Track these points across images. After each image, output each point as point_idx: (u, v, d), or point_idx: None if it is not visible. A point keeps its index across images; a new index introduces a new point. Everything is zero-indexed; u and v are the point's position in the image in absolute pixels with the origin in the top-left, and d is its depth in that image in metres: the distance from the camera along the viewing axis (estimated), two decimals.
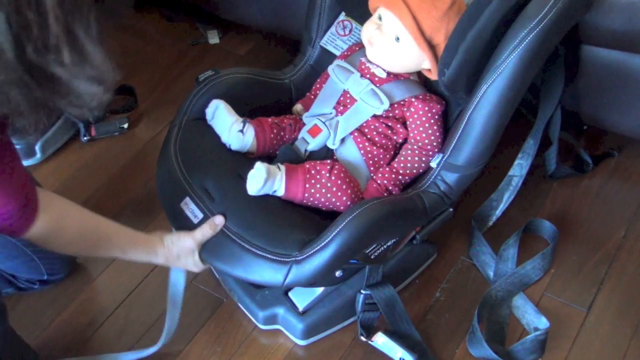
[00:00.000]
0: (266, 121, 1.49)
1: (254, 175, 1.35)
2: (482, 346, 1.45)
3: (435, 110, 1.43)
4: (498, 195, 1.68)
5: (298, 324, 1.48)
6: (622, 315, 1.54)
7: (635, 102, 1.66)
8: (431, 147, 1.43)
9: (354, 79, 1.47)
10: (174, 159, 1.43)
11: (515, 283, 1.57)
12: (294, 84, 1.62)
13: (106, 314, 1.56)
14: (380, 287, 1.45)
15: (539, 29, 1.27)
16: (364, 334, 1.47)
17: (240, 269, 1.33)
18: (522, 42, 1.27)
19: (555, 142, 1.70)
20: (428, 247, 1.62)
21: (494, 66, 1.30)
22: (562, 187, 1.78)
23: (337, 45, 1.61)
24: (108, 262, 1.64)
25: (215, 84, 1.51)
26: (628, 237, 1.68)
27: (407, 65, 1.45)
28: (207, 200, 1.38)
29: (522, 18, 1.29)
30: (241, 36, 2.22)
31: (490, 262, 1.61)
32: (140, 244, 1.35)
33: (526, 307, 1.54)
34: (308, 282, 1.34)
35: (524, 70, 1.30)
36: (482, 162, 1.39)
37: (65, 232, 1.24)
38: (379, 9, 1.42)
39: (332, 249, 1.28)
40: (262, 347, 1.51)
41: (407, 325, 1.47)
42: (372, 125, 1.45)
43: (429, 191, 1.40)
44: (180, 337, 1.51)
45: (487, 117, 1.33)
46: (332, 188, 1.38)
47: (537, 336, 1.47)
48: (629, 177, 1.80)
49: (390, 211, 1.32)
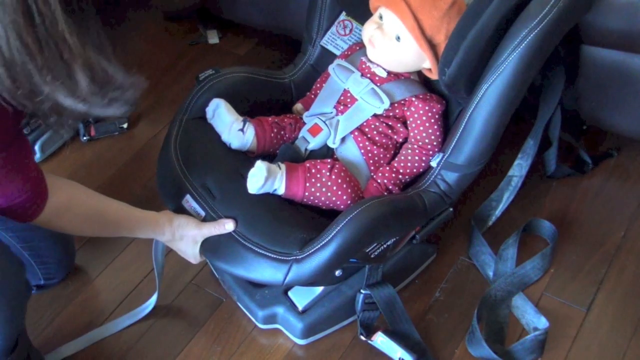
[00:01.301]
0: (266, 120, 1.49)
1: (254, 173, 1.35)
2: (481, 346, 1.45)
3: (435, 110, 1.43)
4: (498, 195, 1.68)
5: (298, 323, 1.48)
6: (622, 315, 1.54)
7: (635, 102, 1.66)
8: (431, 146, 1.43)
9: (355, 78, 1.47)
10: (174, 157, 1.43)
11: (515, 283, 1.57)
12: (295, 83, 1.63)
13: (105, 314, 1.55)
14: (379, 286, 1.45)
15: (540, 29, 1.27)
16: (363, 333, 1.47)
17: (241, 267, 1.33)
18: (523, 42, 1.27)
19: (555, 143, 1.70)
20: (428, 247, 1.62)
21: (494, 65, 1.30)
22: (562, 187, 1.78)
23: (338, 45, 1.61)
24: (107, 262, 1.64)
25: (216, 82, 1.52)
26: (627, 237, 1.68)
27: (407, 64, 1.45)
28: (208, 198, 1.38)
29: (523, 17, 1.28)
30: (241, 36, 2.22)
31: (489, 262, 1.61)
32: (148, 223, 1.36)
33: (526, 307, 1.54)
34: (308, 280, 1.34)
35: (524, 69, 1.30)
36: (482, 162, 1.39)
37: (72, 214, 1.25)
38: (380, 8, 1.42)
39: (333, 247, 1.28)
40: (262, 347, 1.50)
41: (407, 325, 1.47)
42: (373, 124, 1.45)
43: (429, 190, 1.40)
44: (179, 337, 1.51)
45: (487, 117, 1.33)
46: (333, 187, 1.38)
47: (537, 336, 1.47)
48: (629, 177, 1.80)
49: (390, 210, 1.33)
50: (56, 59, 0.90)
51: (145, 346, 1.50)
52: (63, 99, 0.95)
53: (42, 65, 0.90)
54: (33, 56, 0.89)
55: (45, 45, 0.89)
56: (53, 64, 0.91)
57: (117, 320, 1.53)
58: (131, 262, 1.64)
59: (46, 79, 0.91)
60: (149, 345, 1.50)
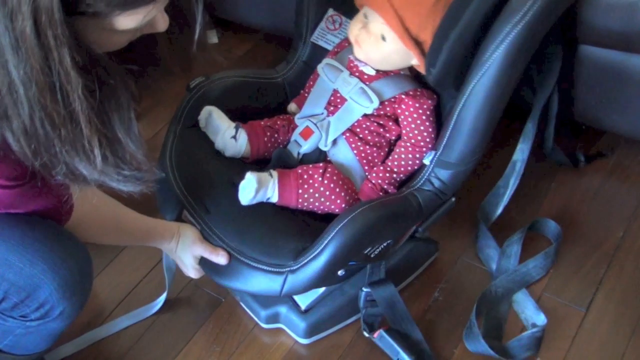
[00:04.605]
0: (259, 124, 1.48)
1: (244, 186, 1.35)
2: (478, 341, 1.45)
3: (426, 107, 1.40)
4: (504, 182, 1.66)
5: (300, 322, 1.48)
6: (621, 315, 1.54)
7: (633, 102, 1.66)
8: (424, 143, 1.41)
9: (343, 77, 1.44)
10: (171, 172, 1.44)
11: (517, 281, 1.57)
12: (288, 81, 1.60)
13: (105, 314, 1.55)
14: (381, 285, 1.44)
15: (524, 23, 1.22)
16: (366, 329, 1.48)
17: (237, 281, 1.35)
18: (506, 38, 1.23)
19: (552, 120, 1.68)
20: (430, 245, 1.62)
21: (479, 63, 1.26)
22: (561, 187, 1.78)
23: (329, 40, 1.57)
24: (106, 262, 1.64)
25: (207, 90, 1.51)
26: (626, 237, 1.68)
27: (395, 63, 1.42)
28: (202, 213, 1.39)
29: (505, 13, 1.24)
30: (240, 36, 2.22)
31: (494, 256, 1.62)
32: (158, 232, 1.39)
33: (526, 303, 1.54)
34: (305, 289, 1.36)
35: (510, 65, 1.26)
36: (474, 159, 1.37)
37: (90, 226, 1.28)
38: (364, 7, 1.40)
39: (325, 257, 1.28)
40: (261, 346, 1.50)
41: (408, 324, 1.47)
42: (364, 124, 1.43)
43: (423, 189, 1.38)
44: (179, 337, 1.51)
45: (476, 114, 1.30)
46: (325, 192, 1.38)
47: (534, 333, 1.47)
48: (628, 177, 1.80)
49: (382, 215, 1.32)
50: (79, 135, 0.93)
51: (145, 346, 1.50)
52: (80, 169, 0.97)
53: (64, 140, 0.92)
54: (55, 130, 0.91)
55: (68, 121, 0.91)
56: (75, 139, 0.93)
57: (117, 320, 1.53)
58: (131, 262, 1.64)
59: (65, 152, 0.94)
60: (149, 345, 1.50)
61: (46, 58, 0.86)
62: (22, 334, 1.23)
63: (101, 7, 0.89)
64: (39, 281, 1.16)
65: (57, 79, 0.88)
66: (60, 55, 0.86)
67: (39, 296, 1.17)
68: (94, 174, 0.98)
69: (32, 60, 0.86)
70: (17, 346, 1.25)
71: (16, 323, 1.21)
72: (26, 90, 0.87)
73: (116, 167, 0.99)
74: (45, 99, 0.88)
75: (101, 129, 0.94)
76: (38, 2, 0.83)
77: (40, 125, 0.90)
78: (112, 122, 0.97)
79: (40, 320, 1.21)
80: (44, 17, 0.84)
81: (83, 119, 0.91)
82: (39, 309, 1.19)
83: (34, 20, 0.84)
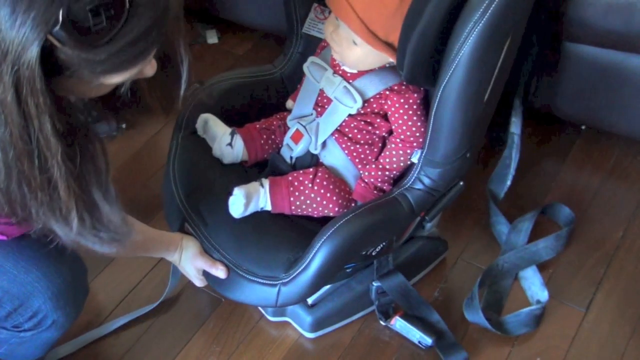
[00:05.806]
0: (254, 128, 1.47)
1: (233, 202, 1.36)
2: (477, 312, 1.47)
3: (412, 101, 1.36)
4: (508, 152, 1.69)
5: (307, 316, 1.49)
6: (621, 315, 1.54)
7: (633, 102, 1.66)
8: (414, 138, 1.36)
9: (327, 76, 1.41)
10: (173, 183, 1.45)
11: (525, 258, 1.59)
12: (285, 75, 1.58)
13: (104, 314, 1.55)
14: (390, 276, 1.45)
15: (486, 19, 1.16)
16: (382, 318, 1.49)
17: (236, 293, 1.39)
18: (470, 36, 1.17)
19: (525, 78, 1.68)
20: (439, 244, 1.62)
21: (446, 64, 1.21)
22: (560, 187, 1.78)
23: (320, 29, 1.53)
24: (106, 262, 1.64)
25: (202, 96, 1.50)
26: (626, 237, 1.68)
27: (372, 63, 1.37)
28: (201, 225, 1.41)
29: (467, 11, 1.18)
30: (240, 36, 2.22)
31: (505, 232, 1.65)
32: (164, 244, 1.41)
33: (534, 279, 1.56)
34: (301, 299, 1.38)
35: (478, 62, 1.20)
36: (458, 156, 1.32)
37: None
38: None
39: (314, 268, 1.30)
40: (261, 346, 1.50)
41: (424, 307, 1.48)
42: (351, 124, 1.40)
43: (413, 188, 1.35)
44: (178, 338, 1.51)
45: (451, 114, 1.26)
46: (317, 198, 1.37)
47: (533, 310, 1.49)
48: (627, 177, 1.81)
49: (370, 222, 1.31)
50: (57, 199, 0.92)
51: (145, 346, 1.50)
52: (56, 228, 0.97)
53: (41, 203, 0.92)
54: (32, 193, 0.90)
55: (46, 185, 0.90)
56: (52, 202, 0.92)
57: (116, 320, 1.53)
58: (130, 262, 1.64)
59: (42, 214, 0.93)
60: (148, 345, 1.50)
61: (26, 126, 0.85)
62: (17, 343, 1.24)
63: (85, 74, 0.86)
64: (32, 289, 1.16)
65: (36, 146, 0.86)
66: (40, 123, 0.85)
67: (32, 304, 1.17)
68: (70, 235, 0.97)
69: (11, 127, 0.84)
70: (12, 355, 1.26)
71: (10, 334, 1.22)
72: (4, 154, 0.86)
73: (93, 229, 0.98)
74: (23, 164, 0.87)
75: (79, 194, 0.93)
76: (20, 73, 0.81)
77: (17, 187, 0.90)
78: (89, 187, 0.95)
79: (33, 331, 1.21)
80: (25, 87, 0.82)
81: (61, 183, 0.90)
82: (32, 318, 1.19)
83: (15, 90, 0.82)
